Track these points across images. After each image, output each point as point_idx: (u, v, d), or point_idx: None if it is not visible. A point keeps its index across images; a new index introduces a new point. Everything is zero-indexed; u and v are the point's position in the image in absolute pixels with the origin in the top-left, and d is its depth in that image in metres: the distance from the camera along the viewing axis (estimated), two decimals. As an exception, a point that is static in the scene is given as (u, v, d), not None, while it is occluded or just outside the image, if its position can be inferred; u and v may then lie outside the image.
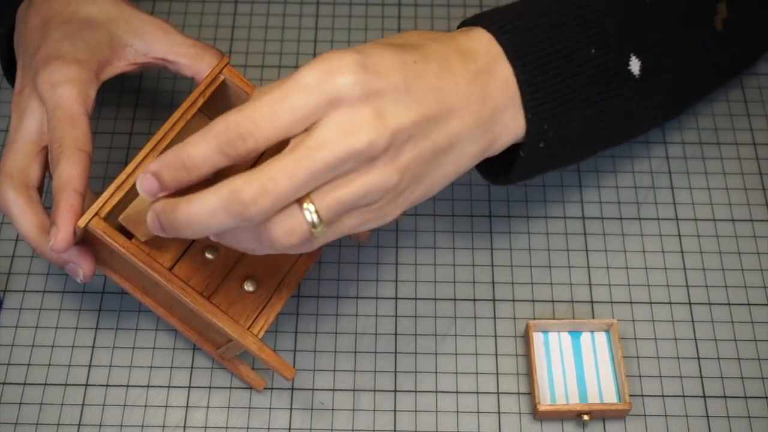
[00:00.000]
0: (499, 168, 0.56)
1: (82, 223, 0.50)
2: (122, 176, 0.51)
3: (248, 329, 0.53)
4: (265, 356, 0.52)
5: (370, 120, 0.45)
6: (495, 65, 0.51)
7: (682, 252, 0.64)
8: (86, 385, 0.59)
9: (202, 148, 0.45)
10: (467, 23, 0.54)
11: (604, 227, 0.65)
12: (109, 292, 0.62)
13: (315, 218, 0.45)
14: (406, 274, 0.63)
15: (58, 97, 0.54)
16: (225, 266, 0.53)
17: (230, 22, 0.75)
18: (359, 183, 0.45)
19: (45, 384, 0.59)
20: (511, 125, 0.51)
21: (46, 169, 0.56)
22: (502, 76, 0.51)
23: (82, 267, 0.54)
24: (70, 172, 0.53)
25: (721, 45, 0.60)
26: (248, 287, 0.53)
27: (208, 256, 0.53)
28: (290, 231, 0.45)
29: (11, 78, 0.63)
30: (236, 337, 0.52)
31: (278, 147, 0.46)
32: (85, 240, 0.54)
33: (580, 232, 0.65)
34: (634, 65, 0.55)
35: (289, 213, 0.45)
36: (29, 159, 0.55)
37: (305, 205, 0.45)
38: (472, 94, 0.49)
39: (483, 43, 0.51)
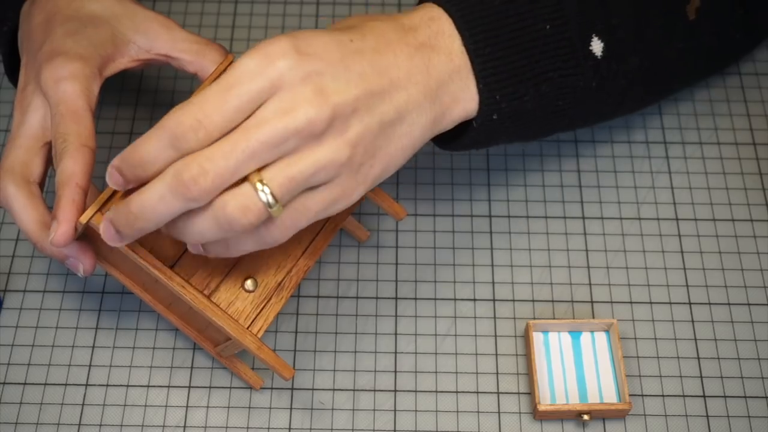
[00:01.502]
0: (450, 135, 0.56)
1: (83, 219, 0.50)
2: None
3: (247, 328, 0.53)
4: (263, 356, 0.52)
5: (309, 97, 0.46)
6: (437, 38, 0.51)
7: (682, 252, 0.64)
8: (86, 385, 0.59)
9: (155, 145, 0.46)
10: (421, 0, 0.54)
11: (604, 227, 0.65)
12: (109, 292, 0.62)
13: (268, 195, 0.46)
14: (406, 274, 0.63)
15: (62, 93, 0.54)
16: (225, 265, 0.53)
17: (230, 22, 0.75)
18: (309, 159, 0.46)
19: (45, 384, 0.59)
20: (461, 96, 0.52)
21: (49, 165, 0.56)
22: (445, 47, 0.51)
23: (83, 262, 0.54)
24: (73, 168, 0.53)
25: (694, 34, 0.60)
26: (248, 287, 0.54)
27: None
28: (244, 208, 0.46)
29: (14, 77, 0.63)
30: (235, 336, 0.52)
31: None
32: (86, 235, 0.54)
33: (580, 232, 0.65)
34: (596, 46, 0.55)
35: (241, 191, 0.46)
36: (31, 154, 0.55)
37: (256, 184, 0.46)
38: (414, 67, 0.50)
39: (424, 18, 0.52)
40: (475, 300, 0.62)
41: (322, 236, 0.56)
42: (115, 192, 0.51)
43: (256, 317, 0.53)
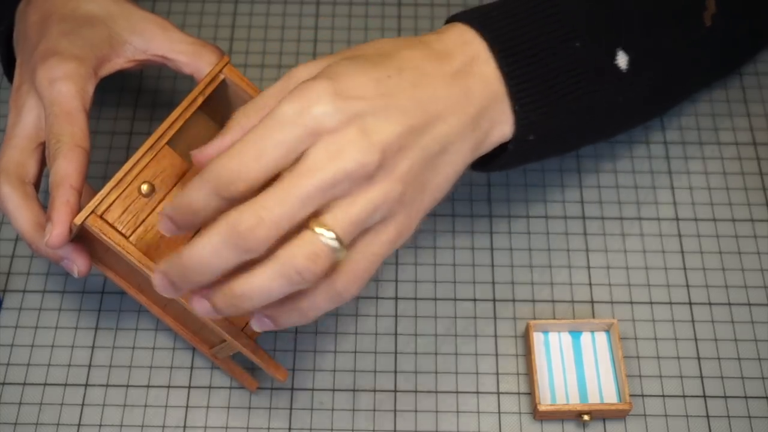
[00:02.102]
0: (482, 157, 0.56)
1: (78, 220, 0.50)
2: (119, 174, 0.51)
3: (242, 330, 0.53)
4: (257, 357, 0.52)
5: (355, 139, 0.45)
6: (473, 64, 0.51)
7: (682, 252, 0.64)
8: (86, 385, 0.59)
9: (201, 194, 0.46)
10: (450, 20, 0.54)
11: (604, 227, 0.65)
12: (109, 292, 0.62)
13: (333, 239, 0.45)
14: (406, 274, 0.63)
15: (56, 93, 0.54)
16: None
17: (230, 22, 0.75)
18: (364, 200, 0.46)
19: (45, 384, 0.59)
20: (499, 119, 0.52)
21: (44, 165, 0.56)
22: (481, 73, 0.51)
23: (77, 264, 0.54)
24: (66, 169, 0.52)
25: (710, 40, 0.60)
26: None
27: None
28: (313, 255, 0.45)
29: (11, 77, 0.63)
30: (230, 337, 0.52)
31: None
32: (81, 236, 0.54)
33: (580, 232, 0.65)
34: (621, 60, 0.55)
35: (305, 239, 0.45)
36: (26, 155, 0.55)
37: (317, 229, 0.45)
38: (453, 96, 0.49)
39: (458, 42, 0.51)
40: (475, 300, 0.62)
41: None
42: (110, 192, 0.51)
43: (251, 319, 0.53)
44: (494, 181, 0.67)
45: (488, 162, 0.56)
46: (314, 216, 0.45)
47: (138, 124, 0.69)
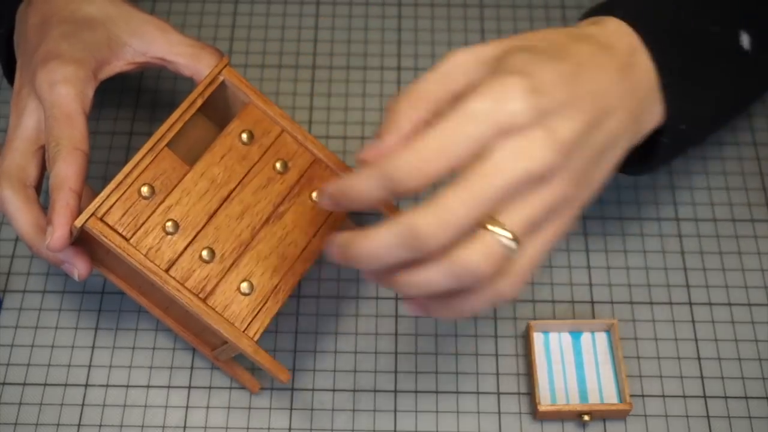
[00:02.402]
0: (633, 157, 0.55)
1: (78, 222, 0.50)
2: (119, 176, 0.51)
3: (244, 332, 0.53)
4: (260, 358, 0.52)
5: (542, 140, 0.44)
6: (634, 56, 0.51)
7: (682, 252, 0.64)
8: (86, 385, 0.59)
9: (372, 184, 0.45)
10: (593, 13, 0.54)
11: (605, 227, 0.65)
12: (109, 293, 0.62)
13: (509, 237, 0.44)
14: (406, 274, 0.63)
15: (56, 96, 0.54)
16: (221, 268, 0.53)
17: (230, 21, 0.74)
18: (540, 200, 0.45)
19: (45, 384, 0.59)
20: (654, 111, 0.52)
21: (44, 168, 0.56)
22: (643, 66, 0.51)
23: (78, 267, 0.54)
24: (66, 171, 0.52)
25: None
26: (244, 290, 0.53)
27: (205, 257, 0.53)
28: (486, 255, 0.44)
29: (12, 79, 0.63)
30: (232, 339, 0.52)
31: None
32: (81, 239, 0.54)
33: (580, 232, 0.65)
34: (745, 40, 0.55)
35: (480, 238, 0.44)
36: (27, 158, 0.55)
37: (493, 228, 0.44)
38: (623, 90, 0.49)
39: (618, 35, 0.51)
40: (475, 300, 0.62)
41: (318, 239, 0.56)
42: (111, 194, 0.51)
43: (252, 320, 0.53)
44: (494, 181, 0.67)
45: (637, 162, 0.55)
46: (490, 215, 0.44)
47: (138, 125, 0.69)
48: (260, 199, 0.55)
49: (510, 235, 0.44)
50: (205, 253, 0.53)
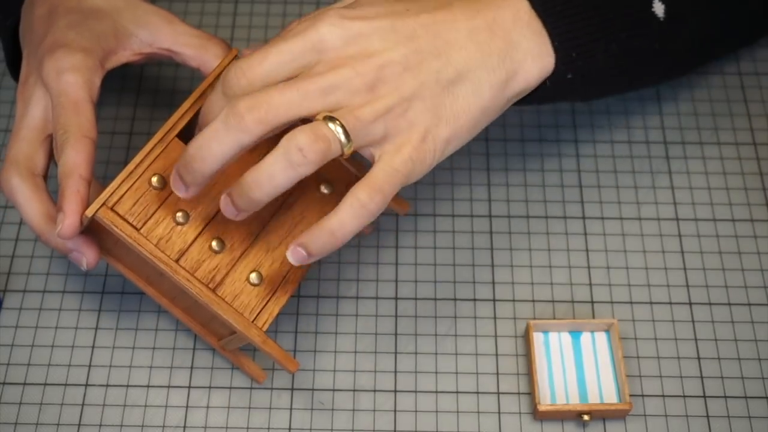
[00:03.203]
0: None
1: (90, 212, 0.50)
2: (130, 166, 0.52)
3: (252, 322, 0.53)
4: (268, 349, 0.52)
5: (353, 55, 0.49)
6: (499, 0, 0.52)
7: (682, 252, 0.64)
8: (86, 385, 0.59)
9: (213, 97, 0.51)
10: None
11: (604, 227, 0.65)
12: (108, 293, 0.62)
13: (339, 129, 0.48)
14: (406, 274, 0.63)
15: (63, 84, 0.54)
16: (231, 258, 0.54)
17: (230, 21, 0.75)
18: (369, 107, 0.49)
19: (45, 384, 0.59)
20: (536, 53, 0.53)
21: (51, 157, 0.56)
22: (511, 6, 0.52)
23: (86, 255, 0.54)
24: (75, 159, 0.53)
25: None
26: (253, 280, 0.54)
27: (215, 248, 0.53)
28: (314, 135, 0.48)
29: (15, 72, 0.63)
30: (240, 329, 0.52)
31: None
32: (90, 229, 0.54)
33: (580, 232, 0.65)
34: (658, 8, 0.56)
35: (309, 125, 0.48)
36: (34, 146, 0.56)
37: (326, 119, 0.48)
38: (475, 27, 0.51)
39: None
40: (475, 300, 0.62)
41: None
42: (122, 184, 0.51)
43: (261, 311, 0.53)
44: (494, 181, 0.67)
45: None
46: (326, 110, 0.49)
47: (138, 124, 0.69)
48: None
49: (340, 127, 0.48)
50: (214, 244, 0.53)
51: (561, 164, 0.67)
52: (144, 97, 0.71)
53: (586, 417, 0.56)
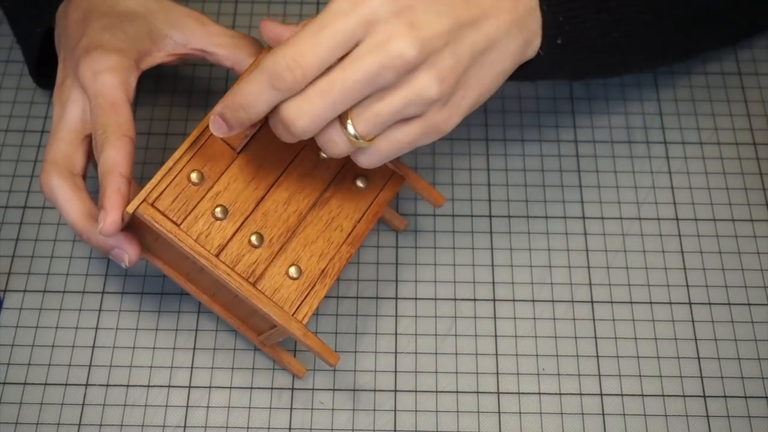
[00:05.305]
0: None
1: (130, 208, 0.51)
2: (169, 163, 0.52)
3: (293, 315, 0.53)
4: (309, 342, 0.52)
5: (402, 32, 0.47)
6: None
7: (682, 252, 0.64)
8: (86, 384, 0.59)
9: (255, 86, 0.48)
10: None
11: (604, 227, 0.65)
12: (109, 293, 0.62)
13: (353, 131, 0.48)
14: (406, 274, 0.63)
15: (100, 85, 0.55)
16: (270, 253, 0.54)
17: (230, 22, 0.75)
18: (399, 95, 0.48)
19: (45, 384, 0.59)
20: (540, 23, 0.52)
21: (90, 157, 0.57)
22: None
23: (128, 252, 0.55)
24: (115, 158, 0.53)
25: None
26: (292, 274, 0.54)
27: (254, 242, 0.53)
28: (331, 142, 0.48)
29: (39, 78, 0.65)
30: (281, 322, 0.52)
31: None
32: (130, 226, 0.54)
33: (580, 232, 0.65)
34: None
35: (328, 128, 0.48)
36: (73, 147, 0.56)
37: (345, 120, 0.48)
38: None
39: None
40: (475, 300, 0.62)
41: (363, 223, 0.57)
42: (161, 180, 0.52)
43: (300, 304, 0.54)
44: (494, 181, 0.67)
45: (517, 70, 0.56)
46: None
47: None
48: (306, 184, 0.56)
49: (353, 128, 0.48)
50: (253, 238, 0.53)
51: (561, 164, 0.67)
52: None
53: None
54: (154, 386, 0.59)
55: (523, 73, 0.55)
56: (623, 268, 0.63)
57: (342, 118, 0.48)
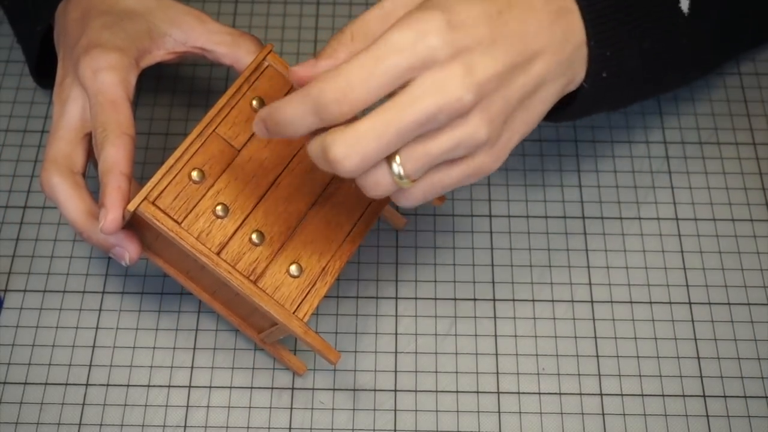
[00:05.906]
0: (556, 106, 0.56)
1: (131, 207, 0.51)
2: (170, 161, 0.52)
3: (294, 313, 0.53)
4: (310, 339, 0.52)
5: (459, 76, 0.45)
6: (571, 2, 0.51)
7: (682, 252, 0.64)
8: (87, 384, 0.59)
9: (298, 110, 0.46)
10: None
11: (604, 227, 0.65)
12: (109, 292, 0.62)
13: (400, 171, 0.46)
14: (406, 274, 0.63)
15: (100, 83, 0.55)
16: (270, 251, 0.54)
17: (230, 22, 0.75)
18: (449, 137, 0.46)
19: (45, 383, 0.59)
20: (585, 61, 0.52)
21: (90, 155, 0.57)
22: (578, 12, 0.51)
23: (129, 250, 0.55)
24: (115, 156, 0.53)
25: None
26: (293, 272, 0.54)
27: (254, 240, 0.53)
28: (375, 183, 0.47)
29: (39, 77, 0.65)
30: (282, 320, 0.52)
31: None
32: (130, 224, 0.55)
33: (580, 232, 0.65)
34: (684, 3, 0.56)
35: (376, 166, 0.46)
36: (73, 145, 0.56)
37: (392, 158, 0.46)
38: (554, 34, 0.49)
39: None
40: (475, 300, 0.62)
41: (363, 221, 0.57)
42: (162, 179, 0.52)
43: (301, 302, 0.54)
44: (494, 181, 0.67)
45: (558, 111, 0.55)
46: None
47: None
48: (306, 182, 0.56)
49: (401, 169, 0.46)
50: (254, 236, 0.53)
51: (561, 164, 0.67)
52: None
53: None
54: (154, 386, 0.59)
55: (569, 112, 0.55)
56: (623, 267, 0.63)
57: (389, 158, 0.46)
